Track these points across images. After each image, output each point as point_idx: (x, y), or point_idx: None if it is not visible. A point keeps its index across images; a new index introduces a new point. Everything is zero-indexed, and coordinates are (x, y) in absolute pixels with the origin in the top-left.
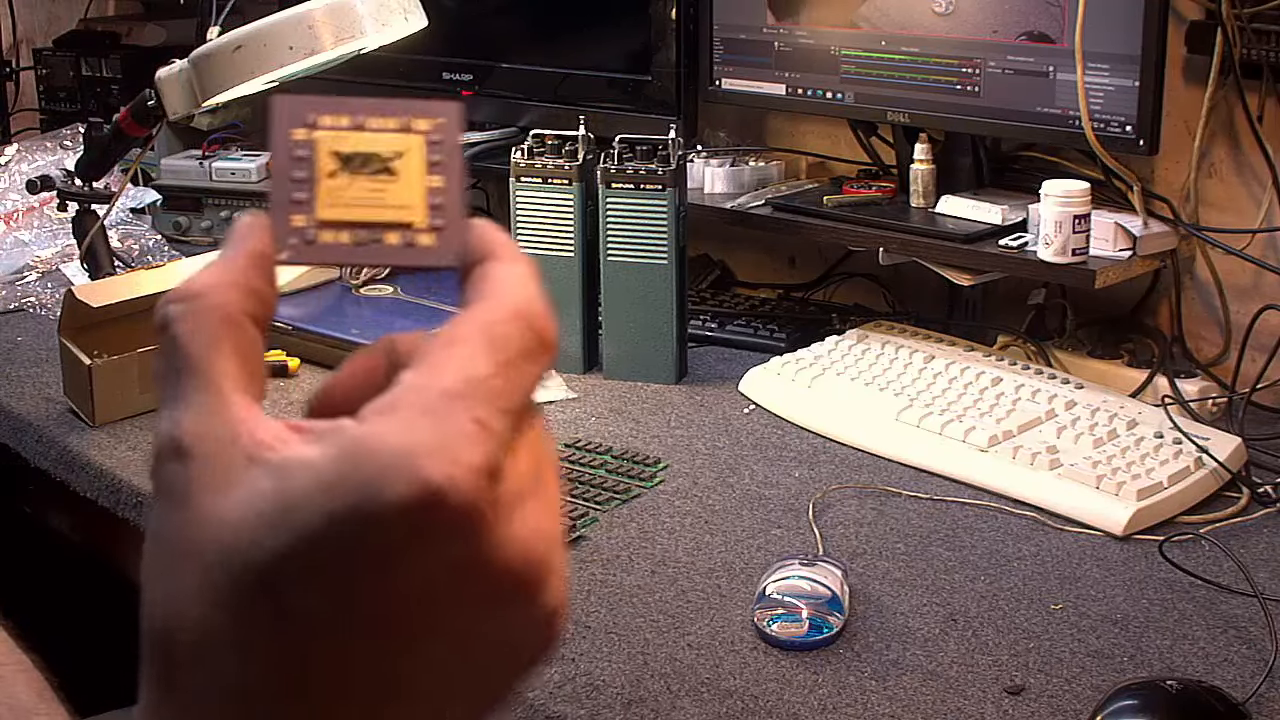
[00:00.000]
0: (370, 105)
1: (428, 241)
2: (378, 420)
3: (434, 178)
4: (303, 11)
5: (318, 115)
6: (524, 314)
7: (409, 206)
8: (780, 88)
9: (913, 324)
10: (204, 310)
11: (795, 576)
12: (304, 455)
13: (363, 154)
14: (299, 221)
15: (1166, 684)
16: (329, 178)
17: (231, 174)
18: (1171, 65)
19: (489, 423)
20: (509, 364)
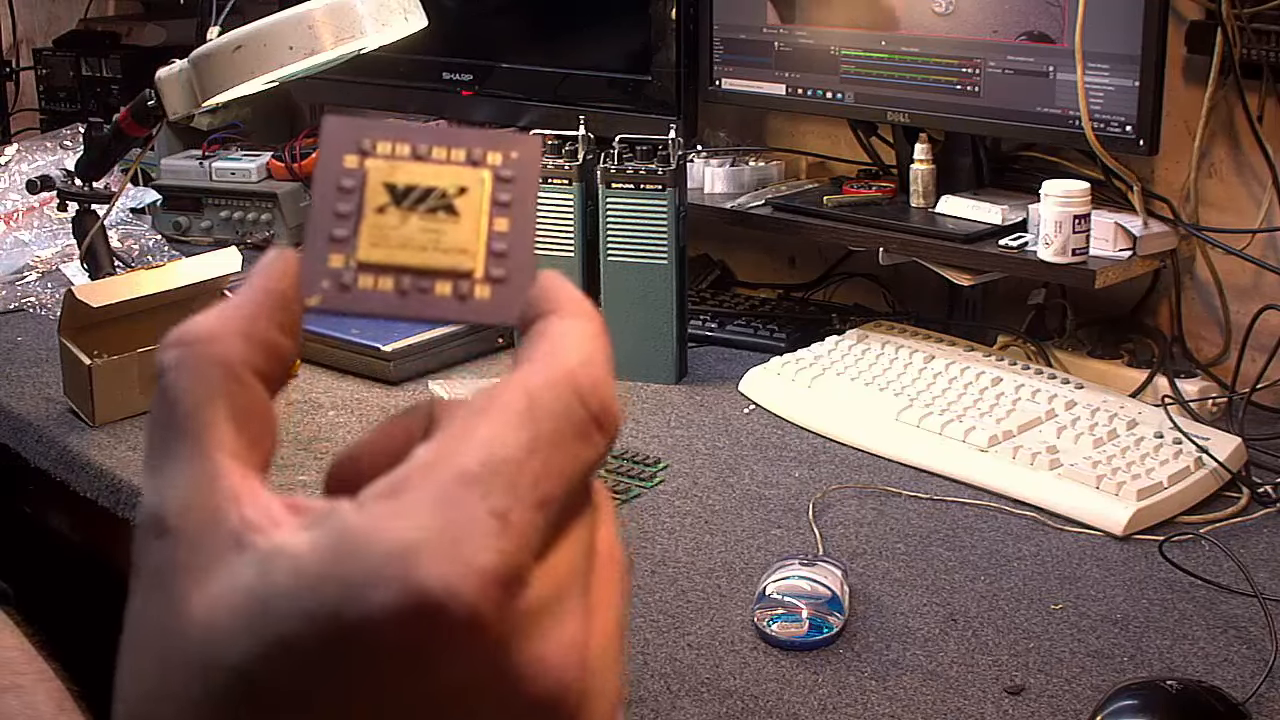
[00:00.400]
0: (437, 133)
1: (484, 295)
2: (376, 506)
3: (500, 220)
4: (303, 11)
5: (374, 140)
6: (577, 381)
7: (467, 252)
8: (780, 88)
9: (913, 324)
10: (201, 361)
11: (795, 576)
12: (290, 544)
13: (420, 188)
14: (336, 262)
15: (1166, 684)
16: (377, 213)
17: (231, 174)
18: (1171, 65)
19: (511, 516)
20: (550, 442)
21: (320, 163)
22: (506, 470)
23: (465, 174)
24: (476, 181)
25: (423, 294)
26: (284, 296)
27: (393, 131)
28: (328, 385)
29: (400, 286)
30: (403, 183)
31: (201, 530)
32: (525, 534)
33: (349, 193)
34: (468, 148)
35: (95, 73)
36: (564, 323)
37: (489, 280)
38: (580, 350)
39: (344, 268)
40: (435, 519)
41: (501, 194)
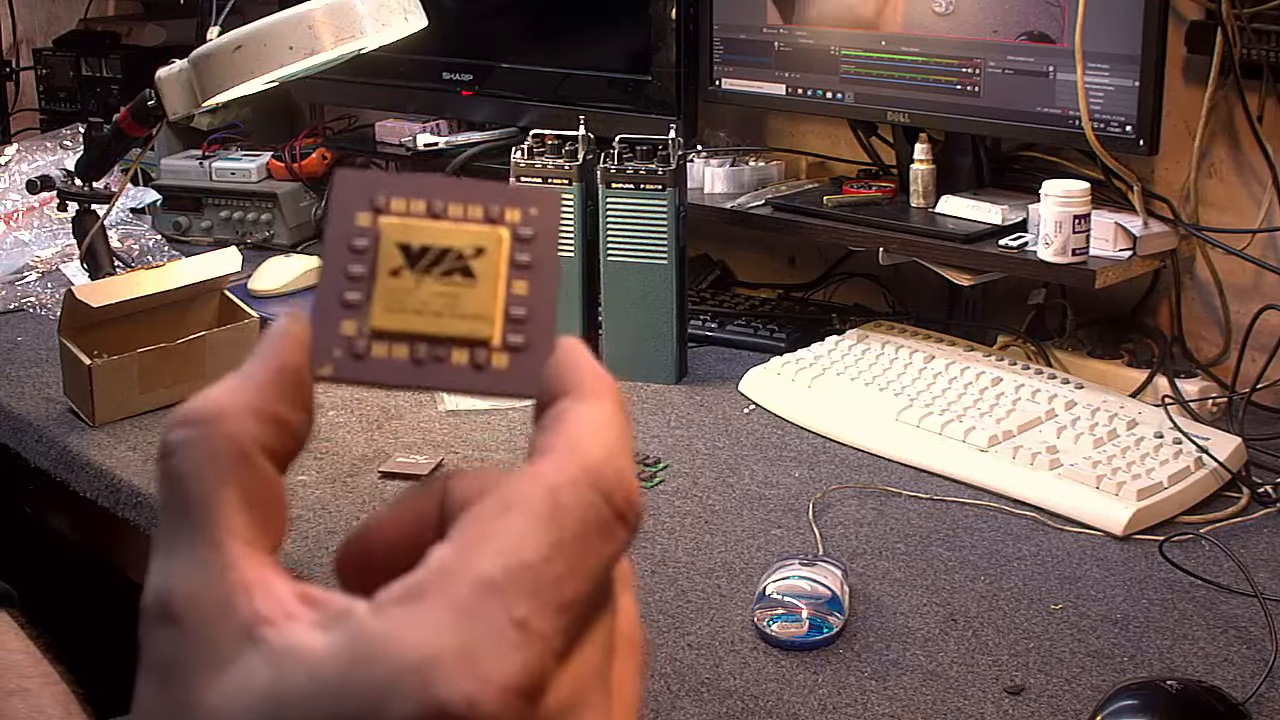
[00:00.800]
0: (453, 187)
1: (501, 364)
2: (394, 613)
3: (519, 283)
4: (303, 11)
5: (388, 197)
6: (598, 476)
7: (483, 318)
8: (780, 88)
9: (913, 324)
10: (211, 442)
11: (795, 576)
12: (306, 646)
13: (435, 249)
14: (348, 330)
15: (1166, 684)
16: (391, 276)
17: (231, 174)
18: (1171, 65)
19: (533, 625)
20: (573, 543)
21: (331, 220)
22: (528, 576)
23: (483, 233)
24: (494, 241)
25: (438, 363)
26: (296, 369)
27: (407, 187)
28: (328, 385)
29: (415, 355)
30: (417, 243)
31: (212, 621)
32: (548, 641)
33: (361, 254)
34: (485, 204)
35: (95, 73)
36: (583, 407)
37: (506, 349)
38: (602, 440)
39: (357, 335)
40: (455, 629)
41: (520, 254)
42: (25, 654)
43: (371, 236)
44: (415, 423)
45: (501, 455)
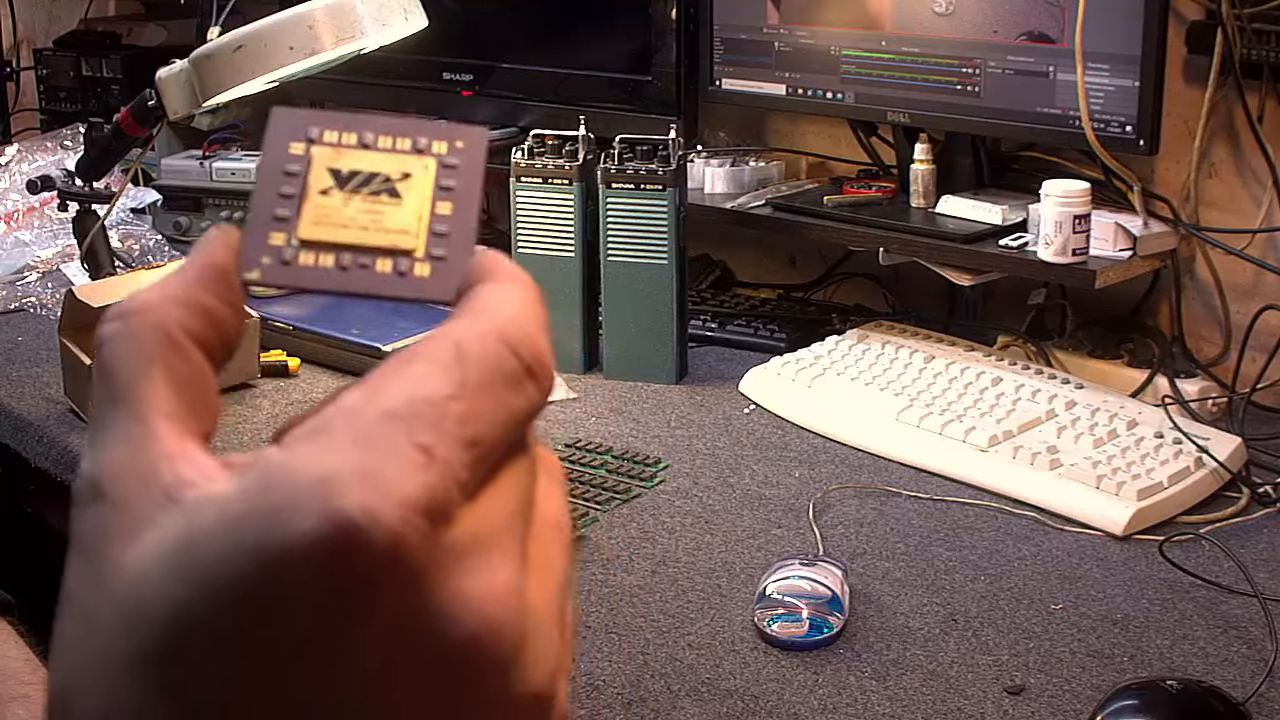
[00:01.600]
0: (384, 124)
1: (423, 272)
2: (300, 446)
3: (443, 204)
4: (303, 11)
5: (321, 130)
6: (507, 333)
7: (407, 232)
8: (780, 88)
9: (913, 324)
10: (138, 330)
11: (795, 576)
12: (218, 490)
13: (363, 173)
14: (277, 239)
15: (1166, 684)
16: (320, 195)
17: (232, 174)
18: (1171, 65)
19: (436, 450)
20: (478, 386)
21: (266, 148)
22: (431, 408)
23: (410, 161)
24: (421, 168)
25: (363, 270)
26: (223, 269)
27: (340, 122)
28: (328, 385)
29: (340, 263)
30: (347, 168)
31: (135, 491)
32: (450, 468)
33: (293, 176)
34: (413, 137)
35: (95, 73)
36: (496, 287)
37: (430, 259)
38: (510, 307)
39: (285, 245)
40: (357, 451)
41: (446, 180)
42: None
43: (303, 162)
44: None
45: None
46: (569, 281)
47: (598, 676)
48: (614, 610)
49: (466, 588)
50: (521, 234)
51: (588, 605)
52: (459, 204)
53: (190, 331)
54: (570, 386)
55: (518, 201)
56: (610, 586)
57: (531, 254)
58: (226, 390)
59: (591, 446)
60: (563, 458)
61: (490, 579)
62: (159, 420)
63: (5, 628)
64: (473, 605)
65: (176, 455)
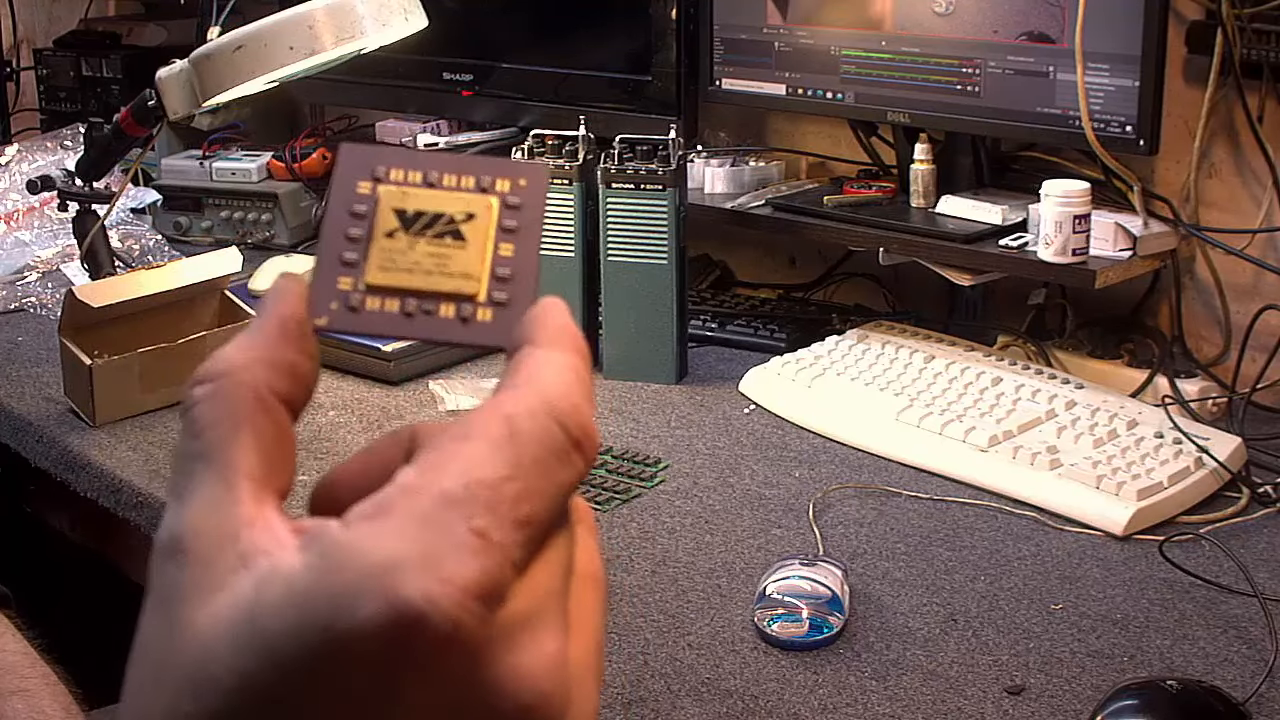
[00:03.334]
0: (448, 161)
1: (485, 317)
2: (361, 526)
3: (506, 246)
4: (303, 11)
5: (387, 168)
6: (557, 408)
7: (471, 276)
8: (780, 88)
9: (913, 324)
10: (229, 391)
11: (795, 576)
12: (284, 563)
13: (428, 214)
14: (345, 284)
15: (1166, 684)
16: (386, 238)
17: (232, 174)
18: (1171, 65)
19: (492, 535)
20: (530, 465)
21: (334, 187)
22: (487, 492)
23: (474, 201)
24: (484, 208)
25: (427, 316)
26: (300, 321)
27: (406, 159)
28: (328, 385)
29: (406, 309)
30: (412, 209)
31: (213, 552)
32: (505, 551)
33: (360, 218)
34: (477, 175)
35: (95, 73)
36: (544, 353)
37: (491, 304)
38: (559, 380)
39: (352, 290)
40: (418, 537)
41: (508, 220)
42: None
43: (370, 202)
44: (416, 423)
45: None
46: (569, 281)
47: None
48: (614, 610)
49: (519, 663)
50: None
51: None
52: (520, 245)
53: (276, 390)
54: None
55: None
56: (610, 586)
57: None
58: None
59: None
60: None
61: (540, 651)
62: (243, 483)
63: (3, 621)
64: (525, 679)
65: (256, 521)
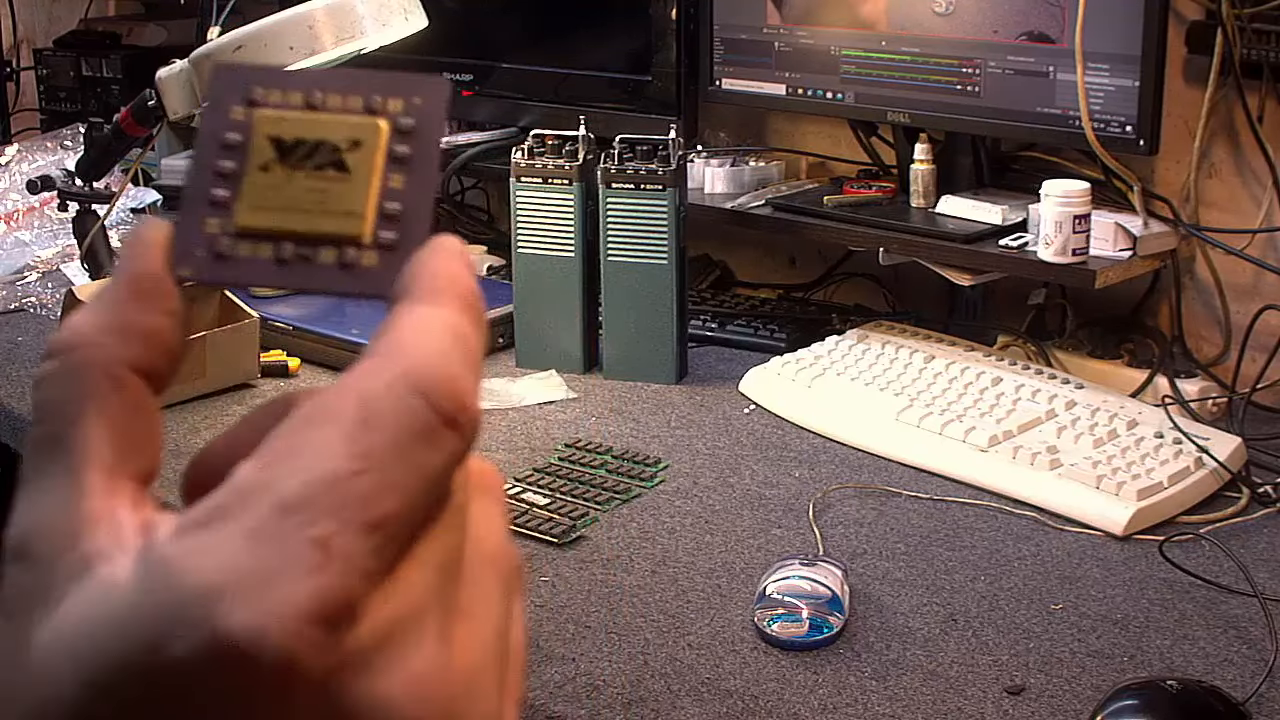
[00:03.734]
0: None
1: (370, 263)
2: (188, 539)
3: (396, 177)
4: (303, 11)
5: (265, 90)
6: (419, 379)
7: (354, 214)
8: (780, 88)
9: (913, 324)
10: (73, 370)
11: (795, 576)
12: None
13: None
14: (212, 228)
15: (1166, 684)
16: (260, 171)
17: None
18: (1171, 65)
19: (335, 545)
20: (386, 453)
21: (205, 116)
22: (331, 493)
23: (359, 125)
24: (371, 133)
25: (305, 263)
26: (156, 277)
27: (285, 79)
28: (329, 385)
29: (280, 254)
30: (291, 136)
31: (57, 556)
32: (353, 562)
33: (232, 150)
34: (365, 95)
35: (95, 73)
36: (417, 311)
37: (377, 247)
38: (430, 342)
39: (220, 234)
40: (248, 553)
41: (399, 146)
42: None
43: (244, 130)
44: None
45: (502, 455)
46: (569, 281)
47: (598, 676)
48: (614, 610)
49: (379, 690)
50: (521, 234)
51: (588, 605)
52: (413, 177)
53: (129, 361)
54: (570, 386)
55: (518, 201)
56: (610, 586)
57: (531, 254)
58: (227, 390)
59: (591, 446)
60: (563, 458)
61: (408, 670)
62: (90, 474)
63: None
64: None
65: (101, 519)
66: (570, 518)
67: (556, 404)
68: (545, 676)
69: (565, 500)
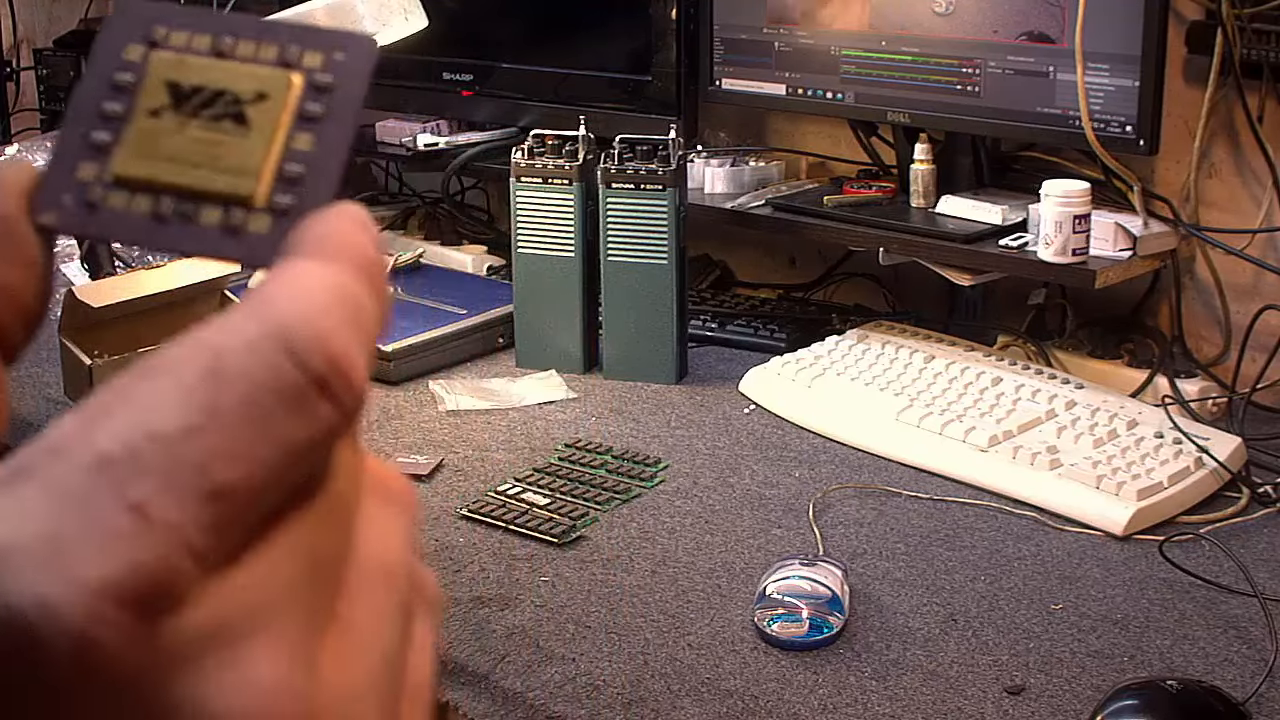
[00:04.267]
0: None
1: (258, 228)
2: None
3: (302, 137)
4: (303, 12)
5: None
6: (292, 335)
7: (247, 173)
8: (780, 88)
9: (913, 324)
10: None
11: (795, 576)
12: None
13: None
14: (86, 173)
15: (1166, 684)
16: (150, 116)
17: None
18: (1171, 65)
19: (154, 511)
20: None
21: (95, 50)
22: (158, 451)
23: (269, 76)
24: (281, 86)
25: (184, 221)
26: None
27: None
28: None
29: (158, 209)
30: (189, 82)
31: None
32: (178, 534)
33: (122, 91)
34: (281, 44)
35: None
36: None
37: (271, 210)
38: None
39: (94, 181)
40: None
41: (312, 104)
42: None
43: (138, 72)
44: (415, 423)
45: (502, 455)
46: (569, 281)
47: (598, 676)
48: (614, 610)
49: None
50: (521, 234)
51: (588, 605)
52: (323, 138)
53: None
54: (570, 386)
55: (518, 201)
56: (610, 586)
57: (531, 254)
58: None
59: (591, 446)
60: (563, 458)
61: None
62: None
63: None
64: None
65: None
66: (570, 518)
67: (556, 404)
68: (545, 676)
69: (565, 500)
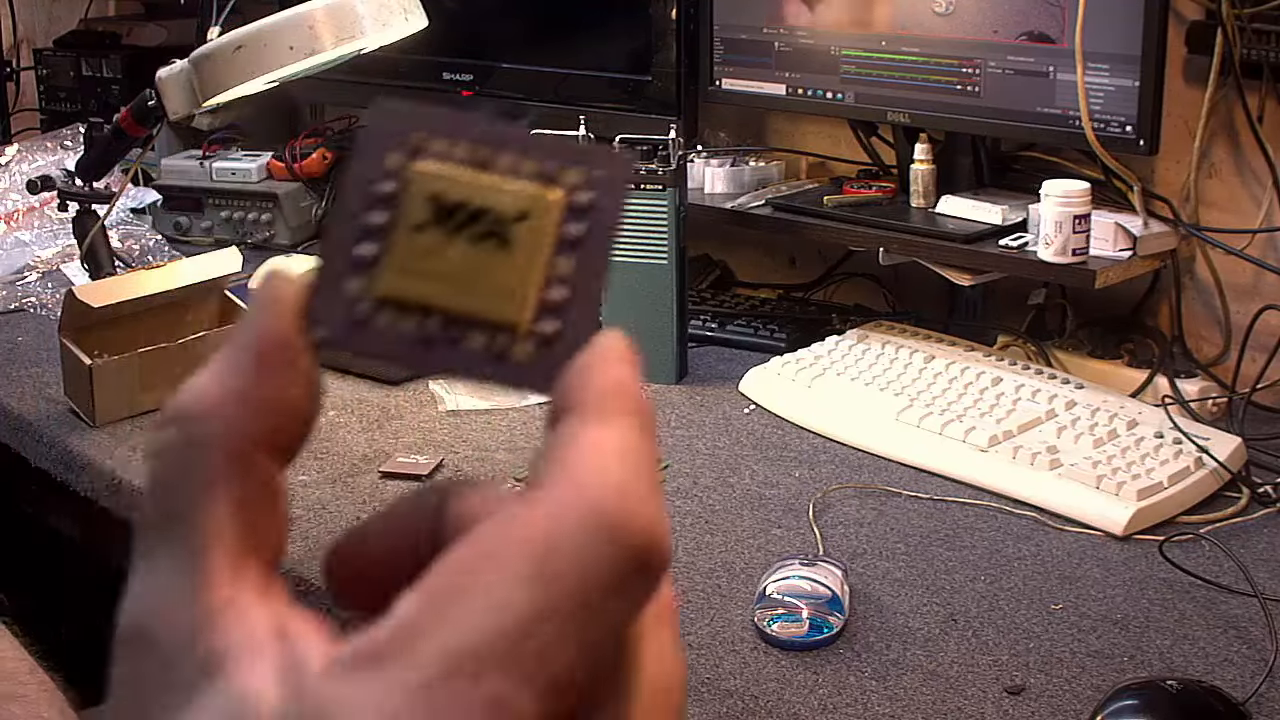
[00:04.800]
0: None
1: (524, 356)
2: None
3: (564, 261)
4: (303, 11)
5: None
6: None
7: (513, 298)
8: (780, 88)
9: (913, 324)
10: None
11: (795, 576)
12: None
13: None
14: (353, 290)
15: (1166, 684)
16: (414, 232)
17: (232, 174)
18: (1171, 65)
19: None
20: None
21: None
22: (508, 646)
23: (531, 195)
24: (543, 207)
25: (450, 345)
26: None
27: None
28: (327, 385)
29: (424, 331)
30: (452, 197)
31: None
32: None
33: (384, 202)
34: (541, 160)
35: (95, 73)
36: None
37: (534, 338)
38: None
39: (361, 298)
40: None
41: (572, 226)
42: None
43: (399, 182)
44: (416, 423)
45: (502, 455)
46: None
47: None
48: None
49: None
50: None
51: None
52: (584, 262)
53: (256, 435)
54: None
55: None
56: None
57: None
58: None
59: None
60: None
61: None
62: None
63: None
64: None
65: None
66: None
67: None
68: None
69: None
